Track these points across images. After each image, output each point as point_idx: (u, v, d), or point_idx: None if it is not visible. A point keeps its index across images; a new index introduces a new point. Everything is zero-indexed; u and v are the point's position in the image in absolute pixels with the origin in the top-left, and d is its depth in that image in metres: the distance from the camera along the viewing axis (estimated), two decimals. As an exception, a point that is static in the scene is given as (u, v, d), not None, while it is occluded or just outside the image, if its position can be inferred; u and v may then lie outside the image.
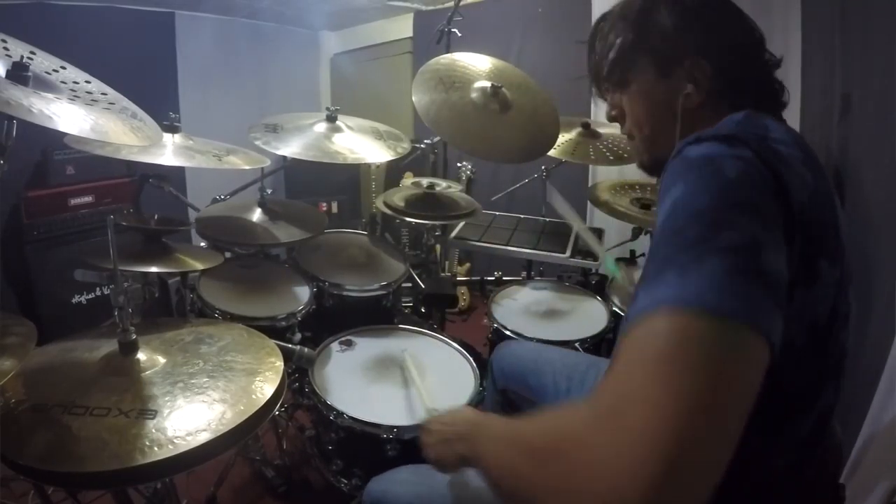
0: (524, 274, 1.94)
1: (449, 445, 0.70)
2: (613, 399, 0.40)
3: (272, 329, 1.34)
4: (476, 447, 0.60)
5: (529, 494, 0.44)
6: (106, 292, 1.32)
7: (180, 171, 2.49)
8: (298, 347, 1.18)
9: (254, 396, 0.82)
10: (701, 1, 0.69)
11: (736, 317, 0.39)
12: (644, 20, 0.70)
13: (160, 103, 1.35)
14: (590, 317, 1.54)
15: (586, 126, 1.88)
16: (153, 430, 0.73)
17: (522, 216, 2.06)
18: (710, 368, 0.37)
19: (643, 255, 1.86)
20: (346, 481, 1.14)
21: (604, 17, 0.77)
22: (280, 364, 0.93)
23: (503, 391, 1.18)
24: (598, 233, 1.87)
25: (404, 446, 1.07)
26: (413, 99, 1.47)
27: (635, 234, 1.84)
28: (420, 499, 0.87)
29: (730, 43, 0.68)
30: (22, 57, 0.83)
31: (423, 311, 1.93)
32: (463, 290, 2.86)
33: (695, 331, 0.38)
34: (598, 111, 2.57)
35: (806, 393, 0.60)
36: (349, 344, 1.37)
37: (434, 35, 1.96)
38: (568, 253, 1.71)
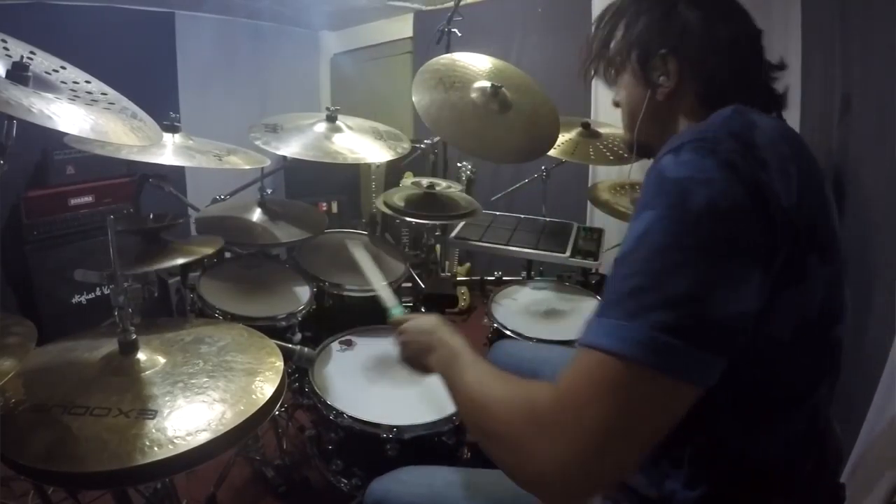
0: (524, 274, 1.94)
1: (418, 356, 0.81)
2: (557, 413, 0.51)
3: (272, 329, 1.34)
4: (446, 373, 0.72)
5: (482, 444, 0.59)
6: (106, 292, 1.32)
7: (180, 171, 2.48)
8: (298, 347, 1.18)
9: (254, 396, 0.82)
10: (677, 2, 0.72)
11: (659, 370, 0.48)
12: (631, 17, 0.75)
13: (160, 103, 1.34)
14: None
15: (586, 126, 1.88)
16: (153, 430, 0.73)
17: (522, 216, 2.06)
18: (632, 408, 0.48)
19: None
20: (346, 481, 1.14)
21: (605, 10, 0.81)
22: (280, 364, 0.93)
23: None
24: (598, 233, 1.86)
25: (404, 446, 1.07)
26: (413, 99, 1.47)
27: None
28: (422, 499, 0.87)
29: (699, 41, 0.70)
30: (22, 57, 0.83)
31: (423, 311, 1.93)
32: (463, 290, 2.85)
33: (625, 378, 0.48)
34: (598, 111, 2.57)
35: (797, 388, 0.61)
36: (349, 344, 1.37)
37: (434, 35, 1.97)
38: (568, 253, 1.71)
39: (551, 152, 1.70)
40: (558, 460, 0.50)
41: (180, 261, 1.28)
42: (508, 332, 1.43)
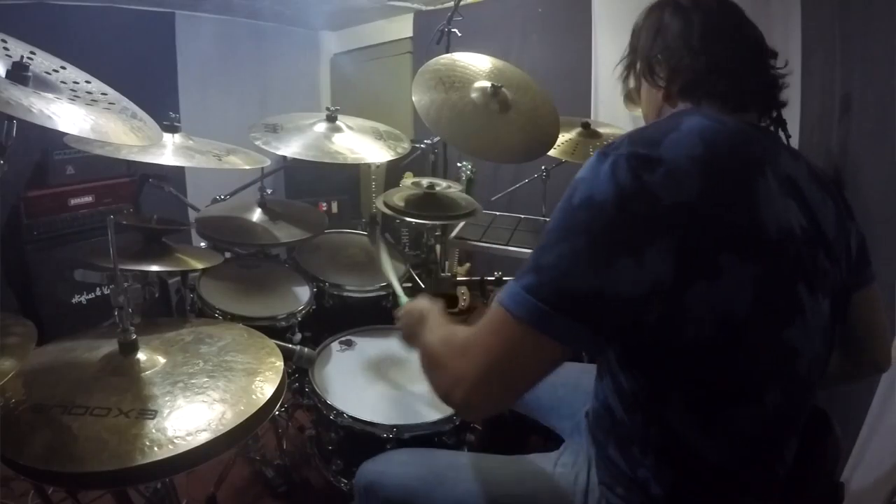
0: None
1: (410, 330, 0.90)
2: (465, 349, 0.64)
3: (272, 329, 1.34)
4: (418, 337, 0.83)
5: (427, 379, 0.71)
6: (106, 292, 1.32)
7: (180, 171, 2.49)
8: (298, 347, 1.18)
9: (254, 396, 0.82)
10: (663, 10, 0.78)
11: (529, 324, 0.58)
12: (634, 40, 0.84)
13: (160, 103, 1.34)
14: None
15: (586, 126, 1.88)
16: (153, 430, 0.73)
17: (522, 216, 2.06)
18: (506, 348, 0.60)
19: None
20: (346, 481, 1.14)
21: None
22: (280, 364, 0.93)
23: None
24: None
25: (404, 445, 1.07)
26: (413, 99, 1.47)
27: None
28: (418, 480, 0.86)
29: (678, 39, 0.75)
30: (22, 57, 0.83)
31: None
32: (463, 290, 2.85)
33: (504, 324, 0.60)
34: (598, 111, 2.57)
35: (738, 388, 0.62)
36: (349, 344, 1.37)
37: (434, 35, 1.96)
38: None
39: (551, 152, 1.69)
40: (457, 387, 0.63)
41: (177, 268, 1.28)
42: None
